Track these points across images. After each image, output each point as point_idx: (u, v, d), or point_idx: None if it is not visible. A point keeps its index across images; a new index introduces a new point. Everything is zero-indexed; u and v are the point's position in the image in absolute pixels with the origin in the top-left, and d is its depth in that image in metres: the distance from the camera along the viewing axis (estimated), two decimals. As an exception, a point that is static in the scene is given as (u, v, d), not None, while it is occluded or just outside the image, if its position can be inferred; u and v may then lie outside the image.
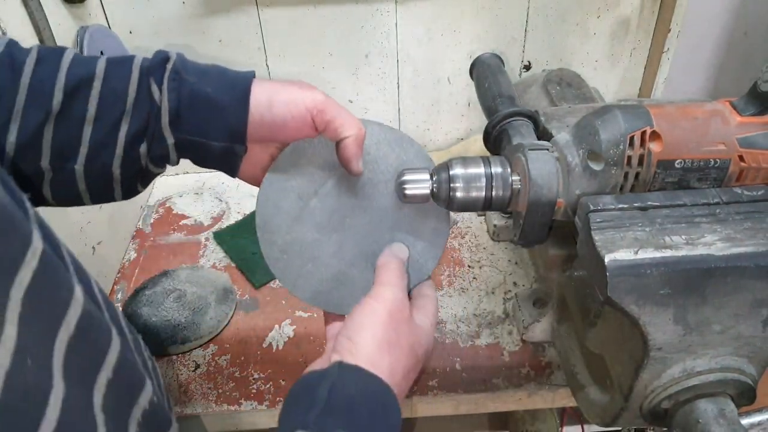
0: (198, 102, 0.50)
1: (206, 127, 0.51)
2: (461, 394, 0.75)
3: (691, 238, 0.48)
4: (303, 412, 0.42)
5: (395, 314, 0.50)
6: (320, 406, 0.42)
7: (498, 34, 1.03)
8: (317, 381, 0.45)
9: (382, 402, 0.45)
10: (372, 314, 0.49)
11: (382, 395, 0.45)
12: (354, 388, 0.44)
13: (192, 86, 0.50)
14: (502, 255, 0.94)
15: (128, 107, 0.49)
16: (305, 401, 0.43)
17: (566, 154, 0.55)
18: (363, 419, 0.43)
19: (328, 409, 0.42)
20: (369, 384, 0.45)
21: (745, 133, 0.53)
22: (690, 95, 1.24)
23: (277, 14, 0.98)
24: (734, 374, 0.51)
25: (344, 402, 0.43)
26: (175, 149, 0.52)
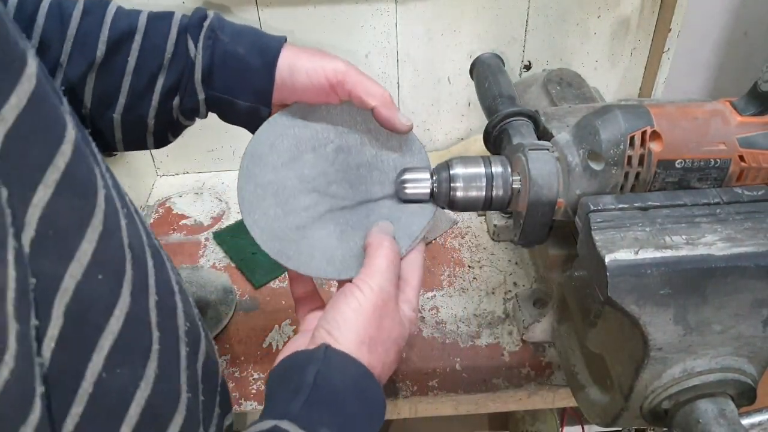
0: (229, 62, 0.53)
1: (235, 86, 0.53)
2: (461, 394, 0.75)
3: (692, 238, 0.48)
4: (289, 398, 0.41)
5: (380, 308, 0.47)
6: (306, 393, 0.41)
7: (498, 33, 1.03)
8: (304, 363, 0.44)
9: (366, 393, 0.44)
10: (357, 308, 0.47)
11: (365, 385, 0.44)
12: (340, 375, 0.43)
13: (226, 46, 0.52)
14: (502, 255, 0.94)
15: (165, 62, 0.52)
16: (291, 384, 0.43)
17: (566, 154, 0.55)
18: (348, 411, 0.42)
19: (314, 398, 0.41)
20: (355, 372, 0.44)
21: (746, 133, 0.53)
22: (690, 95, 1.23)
23: (277, 14, 0.98)
24: (734, 374, 0.51)
25: (330, 391, 0.42)
26: (204, 104, 0.54)
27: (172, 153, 1.12)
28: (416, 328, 0.52)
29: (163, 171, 1.14)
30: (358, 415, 0.43)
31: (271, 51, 0.53)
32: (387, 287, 0.48)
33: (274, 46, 0.53)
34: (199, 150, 1.12)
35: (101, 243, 0.35)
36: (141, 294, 0.39)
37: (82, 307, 0.33)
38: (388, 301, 0.48)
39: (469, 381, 0.76)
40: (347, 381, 0.43)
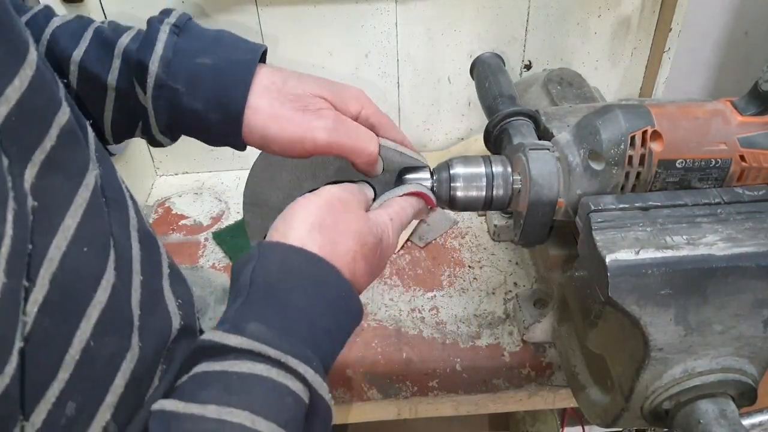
0: (188, 119, 0.48)
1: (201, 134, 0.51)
2: (461, 394, 0.75)
3: (693, 238, 0.48)
4: (231, 304, 0.40)
5: (334, 203, 0.44)
6: (243, 294, 0.39)
7: (498, 33, 1.03)
8: (242, 266, 0.41)
9: (314, 277, 0.40)
10: (306, 203, 0.44)
11: (312, 269, 0.41)
12: (276, 267, 0.40)
13: (181, 98, 0.47)
14: (502, 255, 0.93)
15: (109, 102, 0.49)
16: (234, 291, 0.41)
17: (567, 153, 0.55)
18: (288, 300, 0.39)
19: (250, 297, 0.39)
20: (295, 260, 0.40)
21: (746, 132, 0.53)
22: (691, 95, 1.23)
23: (277, 13, 0.97)
24: (735, 375, 0.51)
25: (266, 285, 0.39)
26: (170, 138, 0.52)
27: (172, 153, 1.12)
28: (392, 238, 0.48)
29: (162, 171, 1.14)
30: (309, 304, 0.40)
31: (233, 105, 0.47)
32: (344, 192, 0.46)
33: (237, 99, 0.47)
34: (198, 150, 1.12)
35: (85, 219, 0.36)
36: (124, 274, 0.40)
37: (69, 277, 0.34)
38: (345, 201, 0.45)
39: (470, 381, 0.75)
40: (289, 270, 0.40)
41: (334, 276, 0.41)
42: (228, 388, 0.34)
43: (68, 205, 0.36)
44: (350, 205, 0.45)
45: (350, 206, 0.45)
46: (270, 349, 0.36)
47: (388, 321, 0.82)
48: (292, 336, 0.38)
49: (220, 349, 0.36)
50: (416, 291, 0.87)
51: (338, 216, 0.44)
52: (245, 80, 0.47)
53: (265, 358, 0.36)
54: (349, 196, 0.46)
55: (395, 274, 0.90)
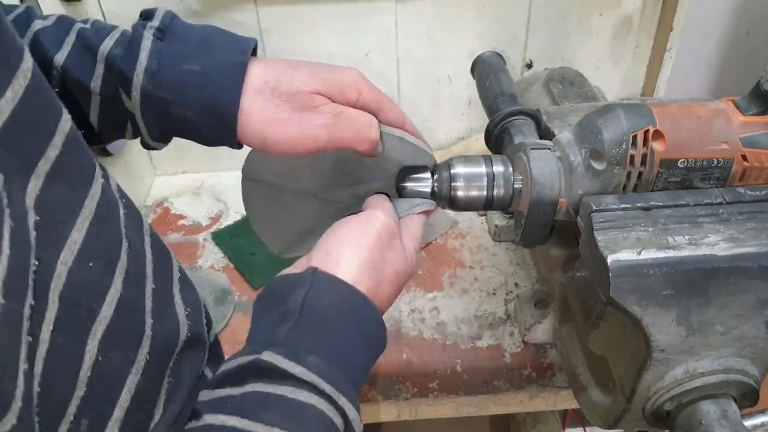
0: (180, 125, 0.48)
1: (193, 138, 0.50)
2: (462, 396, 0.74)
3: (694, 238, 0.48)
4: (274, 326, 0.40)
5: (384, 237, 0.45)
6: (293, 319, 0.39)
7: (499, 32, 1.02)
8: (291, 288, 0.41)
9: (359, 315, 0.42)
10: (360, 232, 0.44)
11: (359, 308, 0.42)
12: (329, 299, 0.41)
13: (170, 107, 0.46)
14: (503, 256, 0.93)
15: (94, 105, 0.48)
16: (277, 309, 0.41)
17: (568, 153, 0.54)
18: (340, 336, 0.40)
19: (302, 325, 0.39)
20: (346, 295, 0.41)
21: (748, 132, 0.53)
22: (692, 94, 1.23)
23: (276, 12, 0.97)
24: (737, 375, 0.51)
25: (318, 316, 0.40)
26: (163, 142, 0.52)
27: (170, 153, 1.11)
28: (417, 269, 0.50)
29: (160, 171, 1.14)
30: (353, 341, 0.41)
31: (226, 112, 0.46)
32: (391, 221, 0.46)
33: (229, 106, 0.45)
34: (197, 150, 1.10)
35: (92, 232, 0.35)
36: (136, 282, 0.40)
37: (74, 292, 0.33)
38: (392, 234, 0.46)
39: (470, 383, 0.75)
40: (339, 305, 0.41)
41: (376, 316, 0.43)
42: (288, 415, 0.36)
43: (75, 218, 0.35)
44: (394, 240, 0.46)
45: (394, 241, 0.46)
46: (327, 385, 0.38)
47: (389, 322, 0.81)
48: (341, 373, 0.39)
49: (280, 374, 0.37)
50: (416, 292, 0.87)
51: (385, 255, 0.45)
52: (236, 85, 0.46)
53: (319, 391, 0.37)
54: (393, 226, 0.46)
55: (395, 274, 0.89)
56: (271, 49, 1.01)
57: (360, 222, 0.45)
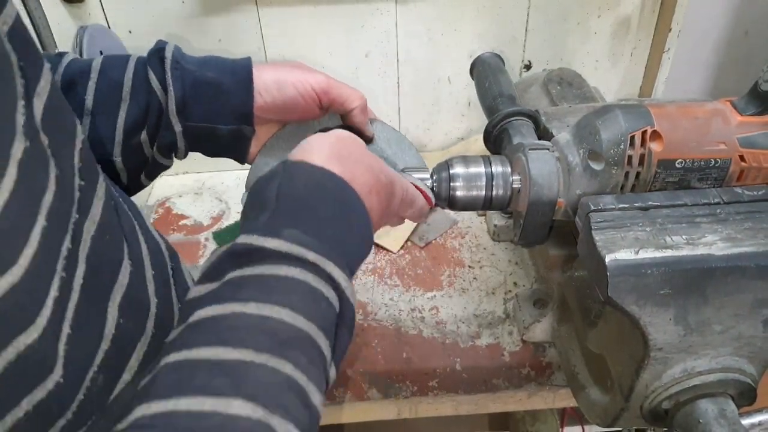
0: (202, 88, 0.52)
1: (213, 112, 0.53)
2: (461, 394, 0.75)
3: (692, 238, 0.48)
4: (253, 219, 0.39)
5: (346, 139, 0.45)
6: (270, 208, 0.39)
7: (498, 33, 1.03)
8: (265, 183, 0.41)
9: (337, 194, 0.41)
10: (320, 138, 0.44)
11: (336, 187, 0.41)
12: (303, 182, 0.40)
13: (194, 74, 0.52)
14: (502, 255, 0.93)
15: (125, 95, 0.51)
16: (256, 207, 0.40)
17: (567, 153, 0.55)
18: (319, 214, 0.39)
19: (279, 210, 0.39)
20: (320, 178, 0.41)
21: (746, 132, 0.53)
22: (691, 95, 1.23)
23: (277, 13, 0.97)
24: (735, 374, 0.51)
25: (294, 199, 0.39)
26: (183, 138, 0.54)
27: (172, 153, 1.12)
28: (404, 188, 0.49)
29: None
30: (335, 218, 0.40)
31: (242, 70, 0.53)
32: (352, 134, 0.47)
33: (243, 65, 0.54)
34: (199, 150, 1.12)
35: (105, 212, 0.38)
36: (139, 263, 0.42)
37: (96, 258, 0.36)
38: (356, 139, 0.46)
39: (470, 381, 0.75)
40: (315, 186, 0.40)
41: (355, 198, 0.42)
42: (266, 289, 0.34)
43: (93, 195, 0.38)
44: (360, 144, 0.46)
45: (361, 144, 0.46)
46: (309, 252, 0.36)
47: (388, 321, 0.82)
48: (325, 243, 0.38)
49: (256, 253, 0.36)
50: (416, 291, 0.87)
51: (353, 149, 0.44)
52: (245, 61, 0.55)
53: (301, 262, 0.36)
54: (358, 138, 0.47)
55: (395, 274, 0.90)
56: (272, 51, 1.02)
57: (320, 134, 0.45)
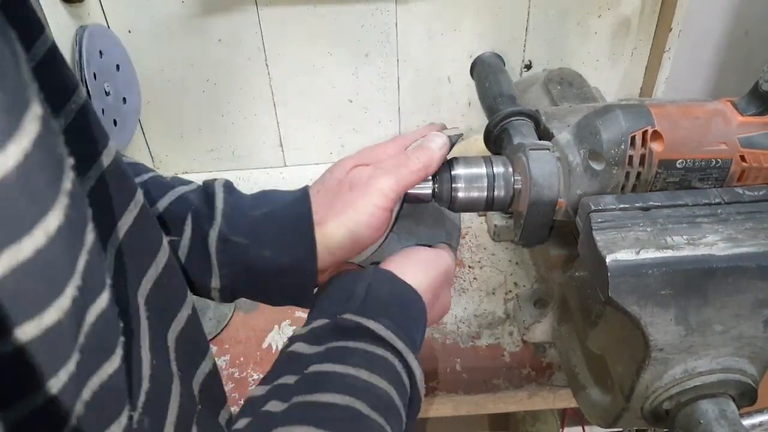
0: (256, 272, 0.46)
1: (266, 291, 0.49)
2: (462, 395, 0.74)
3: (693, 238, 0.48)
4: (341, 305, 0.43)
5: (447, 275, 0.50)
6: (358, 301, 0.43)
7: (499, 33, 1.03)
8: (353, 281, 0.45)
9: (413, 306, 0.45)
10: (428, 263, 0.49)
11: (413, 300, 0.45)
12: (388, 287, 0.45)
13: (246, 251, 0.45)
14: (502, 255, 0.93)
15: None
16: (341, 297, 0.44)
17: (567, 153, 0.55)
18: (398, 314, 0.43)
19: (366, 305, 0.43)
20: (402, 289, 0.45)
21: (747, 132, 0.53)
22: (691, 95, 1.23)
23: (277, 13, 0.97)
24: (736, 375, 0.51)
25: (380, 299, 0.43)
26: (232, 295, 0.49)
27: (172, 153, 1.12)
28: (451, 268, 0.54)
29: (162, 171, 1.13)
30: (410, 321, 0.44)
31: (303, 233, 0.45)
32: (454, 265, 0.52)
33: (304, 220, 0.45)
34: (198, 150, 1.12)
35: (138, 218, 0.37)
36: None
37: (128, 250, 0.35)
38: (450, 273, 0.51)
39: (470, 382, 0.75)
40: (395, 294, 0.45)
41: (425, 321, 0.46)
42: (370, 362, 0.39)
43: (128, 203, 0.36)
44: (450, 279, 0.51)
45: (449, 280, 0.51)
46: (398, 341, 0.41)
47: (388, 321, 0.82)
48: (406, 339, 0.42)
49: (359, 330, 0.40)
50: (416, 291, 0.87)
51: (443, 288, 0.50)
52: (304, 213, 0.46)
53: (391, 348, 0.41)
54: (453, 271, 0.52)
55: (395, 274, 0.90)
56: (272, 51, 1.02)
57: (432, 253, 0.50)
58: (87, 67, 0.84)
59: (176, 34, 0.99)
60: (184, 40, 0.99)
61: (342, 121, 1.10)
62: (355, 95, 1.08)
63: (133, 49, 0.98)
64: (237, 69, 1.04)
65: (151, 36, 0.99)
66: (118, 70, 0.94)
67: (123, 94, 0.95)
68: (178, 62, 1.02)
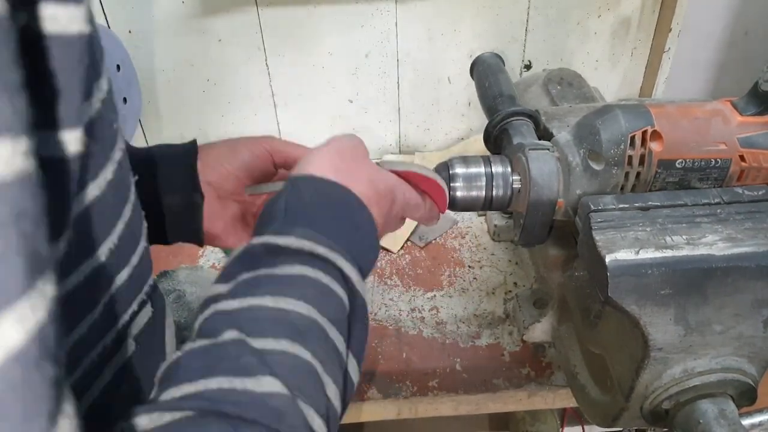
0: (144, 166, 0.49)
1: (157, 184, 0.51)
2: (461, 394, 0.75)
3: (692, 238, 0.48)
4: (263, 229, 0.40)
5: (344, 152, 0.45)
6: (280, 218, 0.40)
7: (498, 33, 1.03)
8: (273, 201, 0.42)
9: (341, 200, 0.42)
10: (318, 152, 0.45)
11: (339, 195, 0.42)
12: (309, 192, 0.41)
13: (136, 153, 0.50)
14: (502, 255, 0.93)
15: None
16: (265, 220, 0.41)
17: (567, 153, 0.55)
18: (324, 216, 0.40)
19: (287, 219, 0.40)
20: (324, 187, 0.42)
21: (746, 132, 0.53)
22: (691, 95, 1.23)
23: (277, 14, 0.97)
24: (735, 374, 0.51)
25: (301, 208, 0.40)
26: None
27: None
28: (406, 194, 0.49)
29: (163, 171, 1.14)
30: (341, 220, 0.41)
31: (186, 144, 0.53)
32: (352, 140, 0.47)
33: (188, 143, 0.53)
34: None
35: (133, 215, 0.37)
36: None
37: None
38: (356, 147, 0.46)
39: (470, 381, 0.75)
40: (318, 194, 0.41)
41: (359, 204, 0.42)
42: (281, 284, 0.36)
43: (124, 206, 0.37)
44: (359, 153, 0.46)
45: (359, 154, 0.46)
46: (319, 246, 0.37)
47: (388, 321, 0.82)
48: (334, 241, 0.39)
49: (269, 251, 0.37)
50: (416, 291, 0.87)
51: (350, 163, 0.44)
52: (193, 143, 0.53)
53: (313, 258, 0.37)
54: (358, 144, 0.47)
55: (395, 274, 0.90)
56: (272, 51, 1.02)
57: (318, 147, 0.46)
58: (87, 67, 0.84)
59: (176, 34, 0.99)
60: (184, 40, 1.00)
61: (342, 121, 1.10)
62: (355, 95, 1.08)
63: (133, 49, 0.98)
64: (237, 69, 1.04)
65: (151, 36, 0.99)
66: (118, 70, 0.94)
67: (123, 94, 0.95)
68: (178, 62, 1.02)
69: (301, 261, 0.37)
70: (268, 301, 0.34)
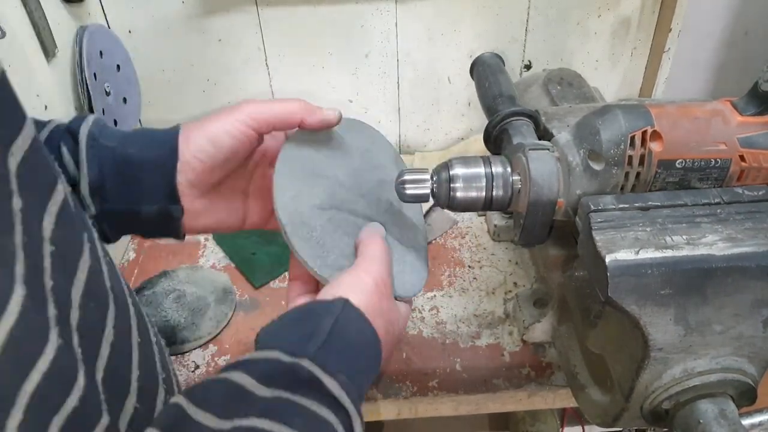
0: (122, 167, 0.48)
1: (134, 193, 0.49)
2: (461, 394, 0.75)
3: (692, 238, 0.48)
4: (304, 340, 0.41)
5: (380, 287, 0.48)
6: (322, 338, 0.41)
7: (498, 33, 1.03)
8: (321, 311, 0.44)
9: (374, 351, 0.45)
10: (360, 282, 0.47)
11: (374, 344, 0.45)
12: (354, 329, 0.44)
13: (113, 151, 0.48)
14: (502, 255, 0.93)
15: None
16: (306, 328, 0.43)
17: (567, 153, 0.55)
18: (359, 366, 0.43)
19: (329, 345, 0.41)
20: (366, 331, 0.45)
21: (746, 132, 0.53)
22: (691, 95, 1.23)
23: (277, 14, 0.98)
24: (735, 374, 0.51)
25: (345, 341, 0.43)
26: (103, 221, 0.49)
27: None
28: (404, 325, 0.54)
29: (163, 171, 1.14)
30: (367, 370, 0.44)
31: (168, 141, 0.50)
32: (385, 272, 0.49)
33: (171, 134, 0.50)
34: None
35: (91, 276, 0.37)
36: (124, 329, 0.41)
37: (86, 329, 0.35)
38: (387, 284, 0.49)
39: (470, 381, 0.75)
40: (360, 339, 0.44)
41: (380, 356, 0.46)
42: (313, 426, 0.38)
43: (78, 260, 0.36)
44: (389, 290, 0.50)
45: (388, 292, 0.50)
46: (350, 405, 0.40)
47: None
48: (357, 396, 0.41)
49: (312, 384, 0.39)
50: (416, 291, 0.87)
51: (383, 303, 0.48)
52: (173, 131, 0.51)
53: (341, 411, 0.39)
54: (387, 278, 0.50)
55: (395, 274, 0.90)
56: (272, 51, 1.02)
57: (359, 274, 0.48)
58: (87, 68, 0.84)
59: (176, 34, 0.99)
60: (184, 40, 1.00)
61: (342, 121, 1.10)
62: (355, 95, 1.08)
63: (133, 49, 0.98)
64: (237, 69, 1.04)
65: (151, 36, 0.99)
66: (118, 70, 0.94)
67: (123, 94, 0.95)
68: (178, 62, 1.02)
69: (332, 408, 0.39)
70: None
